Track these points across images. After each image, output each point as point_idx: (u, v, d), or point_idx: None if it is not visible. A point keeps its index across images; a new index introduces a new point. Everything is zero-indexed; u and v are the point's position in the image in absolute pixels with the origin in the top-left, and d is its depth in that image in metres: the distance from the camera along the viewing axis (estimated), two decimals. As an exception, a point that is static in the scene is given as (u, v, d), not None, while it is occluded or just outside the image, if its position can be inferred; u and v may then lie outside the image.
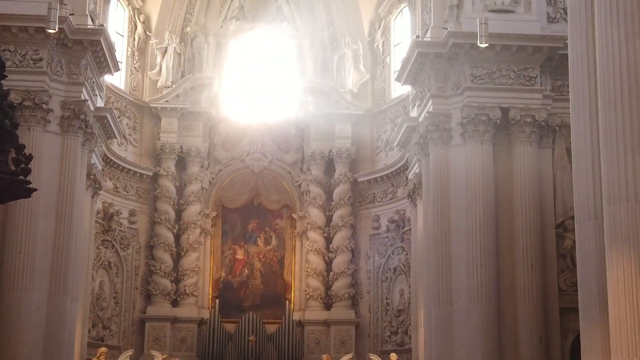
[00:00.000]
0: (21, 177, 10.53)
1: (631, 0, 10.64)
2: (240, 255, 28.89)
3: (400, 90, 27.49)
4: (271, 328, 27.89)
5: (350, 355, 26.61)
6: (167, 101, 28.45)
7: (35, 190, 10.90)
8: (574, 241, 19.32)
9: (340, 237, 28.46)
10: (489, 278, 20.01)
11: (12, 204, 18.48)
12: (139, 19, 28.87)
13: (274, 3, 30.06)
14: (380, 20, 29.27)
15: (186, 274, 27.94)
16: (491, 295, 19.96)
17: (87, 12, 21.67)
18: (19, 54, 20.43)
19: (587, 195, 11.75)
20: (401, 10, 28.37)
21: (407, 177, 25.58)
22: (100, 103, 23.47)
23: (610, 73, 10.69)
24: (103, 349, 23.25)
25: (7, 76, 10.74)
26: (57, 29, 19.70)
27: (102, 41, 21.49)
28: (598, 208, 11.47)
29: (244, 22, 29.94)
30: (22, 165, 10.60)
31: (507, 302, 20.12)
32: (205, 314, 27.98)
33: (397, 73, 24.86)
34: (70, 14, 20.82)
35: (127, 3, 28.36)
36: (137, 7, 28.75)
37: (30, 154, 10.89)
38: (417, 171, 23.60)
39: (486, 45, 19.93)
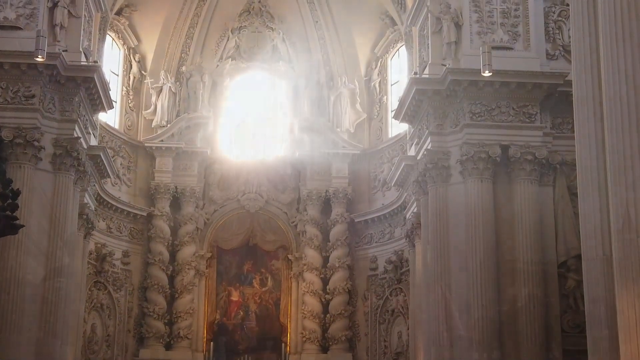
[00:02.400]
0: (8, 212, 10.18)
1: (638, 30, 10.37)
2: (235, 297, 28.43)
3: (397, 129, 27.30)
4: (267, 371, 27.40)
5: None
6: (161, 140, 28.20)
7: (23, 226, 10.54)
8: (577, 281, 19.19)
9: (337, 279, 28.01)
10: (491, 319, 19.56)
11: (1, 243, 18.05)
12: (134, 59, 28.73)
13: (270, 42, 29.97)
14: (377, 60, 29.16)
15: (180, 316, 27.43)
16: (493, 337, 19.49)
17: (80, 49, 21.47)
18: (11, 90, 20.14)
19: (595, 231, 11.40)
20: (398, 50, 28.28)
21: (405, 217, 25.23)
22: (93, 142, 23.17)
23: (617, 104, 10.40)
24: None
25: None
26: (45, 57, 19.33)
27: (95, 78, 21.25)
28: (606, 244, 11.10)
29: (239, 62, 29.81)
30: (9, 201, 10.25)
31: (509, 344, 19.63)
32: (200, 358, 27.43)
33: (394, 112, 24.63)
34: (63, 50, 20.62)
35: (122, 42, 28.23)
36: (133, 46, 28.62)
37: (18, 188, 10.57)
38: (415, 210, 23.24)
39: (490, 74, 19.64)
